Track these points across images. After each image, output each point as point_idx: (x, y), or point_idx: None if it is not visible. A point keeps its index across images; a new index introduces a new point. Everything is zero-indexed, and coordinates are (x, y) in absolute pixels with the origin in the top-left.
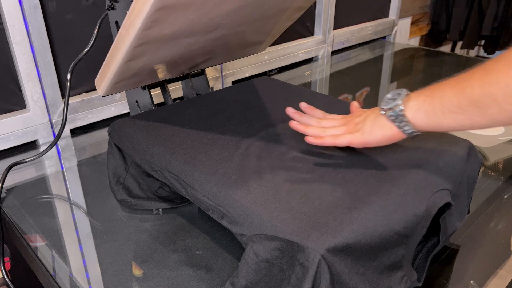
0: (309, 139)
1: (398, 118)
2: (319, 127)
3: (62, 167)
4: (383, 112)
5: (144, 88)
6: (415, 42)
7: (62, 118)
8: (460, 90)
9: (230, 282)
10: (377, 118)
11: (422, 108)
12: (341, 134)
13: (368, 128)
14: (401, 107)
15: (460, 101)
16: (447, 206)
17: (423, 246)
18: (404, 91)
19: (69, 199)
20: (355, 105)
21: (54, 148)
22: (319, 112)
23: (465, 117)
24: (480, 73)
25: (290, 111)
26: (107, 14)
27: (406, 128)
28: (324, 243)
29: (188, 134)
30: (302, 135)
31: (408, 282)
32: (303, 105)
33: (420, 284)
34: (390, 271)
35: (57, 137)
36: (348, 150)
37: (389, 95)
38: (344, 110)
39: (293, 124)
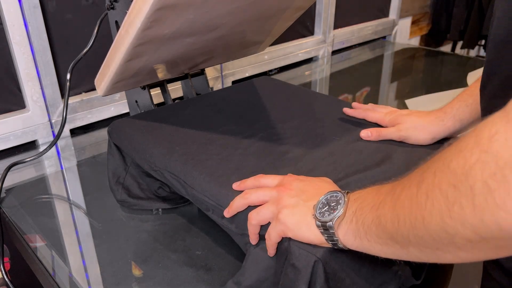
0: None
1: (328, 234)
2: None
3: (61, 167)
4: (314, 217)
5: (144, 88)
6: (415, 42)
7: (61, 118)
8: (377, 218)
9: (234, 281)
10: (307, 218)
11: (350, 230)
12: (264, 207)
13: (295, 223)
14: (332, 224)
15: (379, 233)
16: None
17: None
18: (342, 200)
19: (68, 199)
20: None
21: (53, 148)
22: (248, 181)
23: (390, 251)
24: (391, 199)
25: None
26: (107, 14)
27: (334, 243)
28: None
29: (187, 134)
30: (301, 135)
31: (402, 277)
32: (234, 185)
33: (419, 282)
34: (384, 266)
35: (57, 137)
36: (348, 149)
37: (323, 199)
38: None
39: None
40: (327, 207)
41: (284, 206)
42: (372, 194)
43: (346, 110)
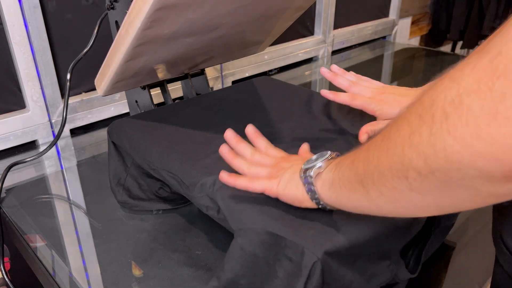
0: (222, 176)
1: (308, 184)
2: (246, 161)
3: (61, 167)
4: (300, 170)
5: (144, 88)
6: (415, 42)
7: (61, 118)
8: (351, 162)
9: (216, 275)
10: (295, 174)
11: (327, 179)
12: (259, 178)
13: (285, 181)
14: (312, 173)
15: (351, 176)
16: None
17: (418, 239)
18: (327, 155)
19: (68, 199)
20: (304, 148)
21: (53, 148)
22: (262, 142)
23: (355, 196)
24: (368, 144)
25: (228, 134)
26: (107, 14)
27: (314, 197)
28: (312, 238)
29: (187, 134)
30: (300, 135)
31: (394, 269)
32: (249, 129)
33: (415, 275)
34: (377, 259)
35: (57, 137)
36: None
37: (314, 156)
38: (344, 110)
39: (222, 151)
40: (314, 160)
41: (280, 169)
42: (358, 147)
43: (323, 71)
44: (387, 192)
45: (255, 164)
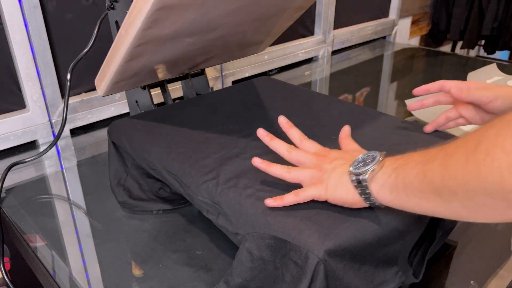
0: (268, 202)
1: (361, 188)
2: (283, 167)
3: (62, 167)
4: (349, 173)
5: (144, 88)
6: (415, 42)
7: (62, 118)
8: (422, 173)
9: (224, 280)
10: (343, 177)
11: (386, 184)
12: (305, 189)
13: (332, 185)
14: (366, 177)
15: (422, 187)
16: None
17: (422, 242)
18: (377, 157)
19: (69, 199)
20: (345, 132)
21: (53, 148)
22: (295, 133)
23: (428, 204)
24: (442, 156)
25: (260, 132)
26: (107, 14)
27: (368, 199)
28: (316, 241)
29: (186, 134)
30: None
31: (402, 277)
32: (281, 120)
33: (418, 280)
34: (385, 266)
35: (57, 137)
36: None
37: (360, 157)
38: (343, 110)
39: (255, 162)
40: (363, 163)
41: (324, 171)
42: (417, 154)
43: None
44: (474, 207)
45: (294, 161)
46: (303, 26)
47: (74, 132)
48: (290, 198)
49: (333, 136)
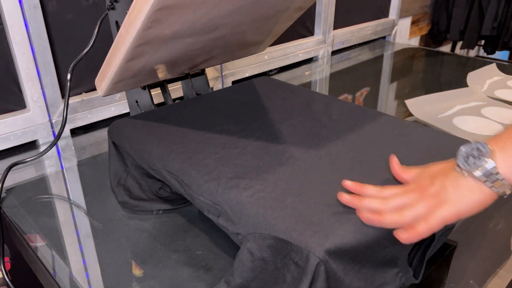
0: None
1: (490, 177)
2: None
3: (62, 167)
4: (466, 173)
5: (144, 88)
6: (415, 42)
7: (62, 118)
8: None
9: (225, 280)
10: (460, 182)
11: None
12: (428, 214)
13: (454, 196)
14: (493, 164)
15: None
16: None
17: (421, 243)
18: (485, 145)
19: (69, 199)
20: (398, 169)
21: (54, 148)
22: (371, 187)
23: None
24: None
25: (348, 184)
26: (107, 14)
27: (500, 187)
28: (317, 242)
29: (186, 134)
30: (299, 135)
31: (403, 278)
32: (348, 184)
33: (418, 281)
34: (385, 267)
35: (57, 137)
36: (346, 149)
37: (464, 150)
38: (344, 110)
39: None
40: (471, 157)
41: (432, 193)
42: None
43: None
44: None
45: (393, 208)
46: (303, 26)
47: (74, 132)
48: (422, 228)
49: (334, 136)
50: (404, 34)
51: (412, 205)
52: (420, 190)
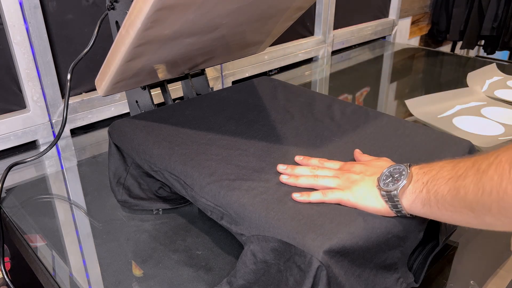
0: (295, 197)
1: (392, 202)
2: (311, 176)
3: (62, 167)
4: (378, 187)
5: (144, 88)
6: (415, 42)
7: (62, 118)
8: (455, 189)
9: (228, 281)
10: (372, 189)
11: (418, 199)
12: (331, 188)
13: (361, 194)
14: (396, 193)
15: (455, 202)
16: None
17: (423, 247)
18: (405, 171)
19: (69, 199)
20: (358, 153)
21: (54, 148)
22: (314, 161)
23: (461, 218)
24: (474, 173)
25: (280, 168)
26: (107, 14)
27: (398, 210)
28: (320, 245)
29: (187, 134)
30: (300, 135)
31: (403, 284)
32: (297, 158)
33: (418, 285)
34: (385, 272)
35: (57, 137)
36: (347, 149)
37: (387, 171)
38: (344, 110)
39: (282, 179)
40: (391, 178)
41: (352, 181)
42: (446, 168)
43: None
44: (509, 221)
45: (320, 176)
46: (303, 26)
47: (74, 132)
48: (316, 196)
49: (336, 137)
50: (404, 34)
51: (328, 177)
52: (346, 170)
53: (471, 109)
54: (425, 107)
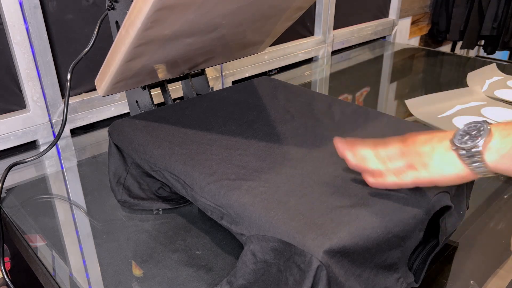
0: (370, 182)
1: (474, 161)
2: (378, 162)
3: (62, 167)
4: (455, 148)
5: (144, 88)
6: (415, 42)
7: (62, 118)
8: None
9: (228, 281)
10: (446, 154)
11: (504, 153)
12: (403, 170)
13: (436, 164)
14: (480, 149)
15: None
16: (446, 207)
17: (423, 247)
18: (485, 127)
19: (69, 199)
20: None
21: (54, 148)
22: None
23: None
24: None
25: (338, 141)
26: (107, 14)
27: (480, 169)
28: (320, 245)
29: (187, 134)
30: (301, 136)
31: (404, 284)
32: (337, 141)
33: (418, 285)
34: (386, 272)
35: (57, 137)
36: None
37: (463, 128)
38: (344, 110)
39: (352, 164)
40: (468, 136)
41: (420, 153)
42: None
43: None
44: None
45: (387, 160)
46: (303, 26)
47: (74, 132)
48: (391, 180)
49: (334, 136)
50: (404, 34)
51: (396, 158)
52: (409, 145)
53: (471, 109)
54: (425, 107)
